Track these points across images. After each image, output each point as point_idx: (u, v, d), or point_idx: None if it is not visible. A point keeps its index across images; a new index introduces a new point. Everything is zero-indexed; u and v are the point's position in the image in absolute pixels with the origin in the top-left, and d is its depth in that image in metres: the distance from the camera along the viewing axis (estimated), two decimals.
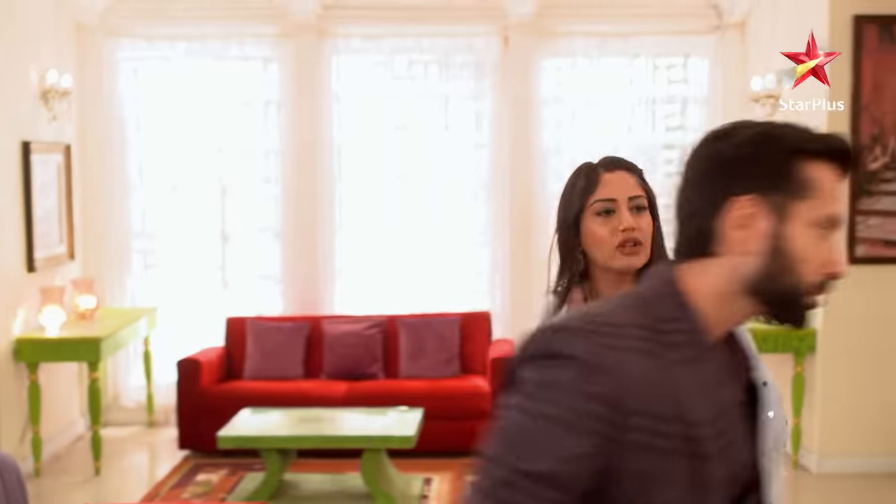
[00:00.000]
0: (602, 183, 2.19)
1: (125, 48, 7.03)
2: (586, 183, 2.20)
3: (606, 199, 2.18)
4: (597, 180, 2.19)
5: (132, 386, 7.31)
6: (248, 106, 7.17)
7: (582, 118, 7.17)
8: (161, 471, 6.24)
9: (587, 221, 2.18)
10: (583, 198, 2.19)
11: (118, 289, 7.20)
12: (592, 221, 2.17)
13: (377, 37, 7.08)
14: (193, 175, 7.18)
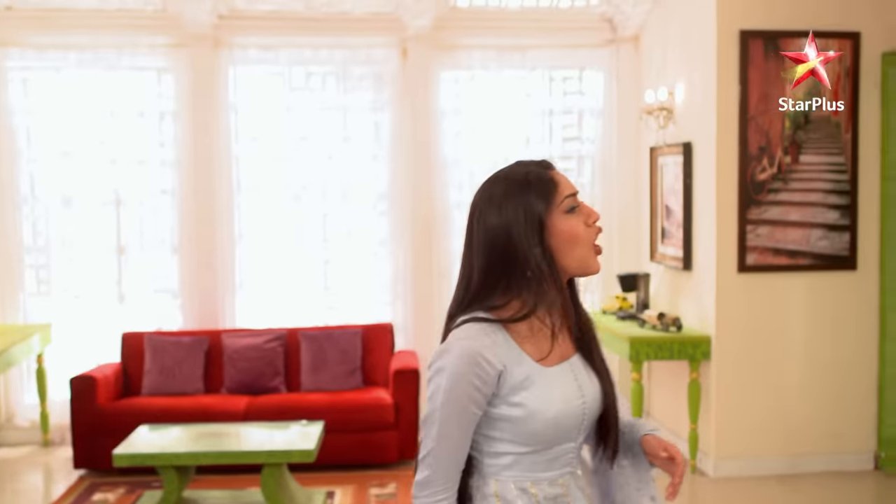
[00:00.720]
0: (559, 181, 2.10)
1: (13, 58, 6.85)
2: (546, 185, 2.08)
3: (572, 193, 2.10)
4: (554, 178, 2.10)
5: (26, 404, 7.12)
6: (142, 116, 7.05)
7: (480, 129, 7.24)
8: (56, 491, 6.08)
9: (557, 221, 2.07)
10: (548, 197, 2.07)
11: (10, 305, 7.00)
12: (564, 220, 2.07)
13: (274, 47, 7.04)
14: (87, 187, 7.02)
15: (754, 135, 5.96)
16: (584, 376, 2.17)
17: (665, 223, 6.77)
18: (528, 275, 2.06)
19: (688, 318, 6.39)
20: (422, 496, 2.07)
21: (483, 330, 2.06)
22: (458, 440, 2.06)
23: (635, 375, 6.15)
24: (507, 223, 2.06)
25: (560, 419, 2.10)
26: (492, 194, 2.11)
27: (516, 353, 2.08)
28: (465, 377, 2.02)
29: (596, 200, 7.37)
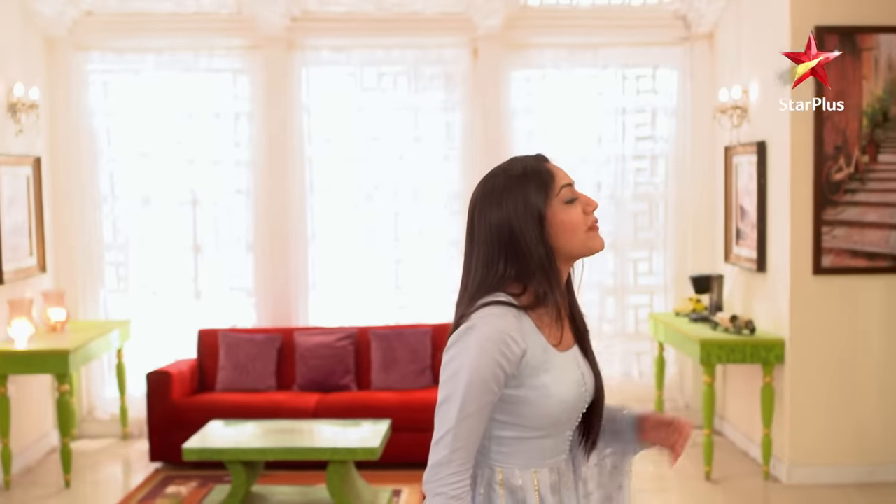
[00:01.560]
0: (555, 172, 2.16)
1: (94, 61, 7.04)
2: (544, 177, 2.13)
3: (569, 184, 2.15)
4: (551, 170, 2.15)
5: (106, 398, 7.30)
6: (218, 118, 7.17)
7: (552, 129, 7.21)
8: (131, 483, 6.24)
9: (555, 212, 2.12)
10: (546, 189, 2.12)
11: (91, 301, 7.20)
12: (562, 211, 2.13)
13: (346, 48, 7.10)
14: (165, 187, 7.18)
15: (830, 133, 5.81)
16: (584, 365, 2.23)
17: (739, 224, 6.65)
18: (533, 267, 2.10)
19: (761, 320, 6.26)
20: (437, 479, 2.05)
21: (509, 311, 2.09)
22: (478, 421, 2.07)
23: (707, 378, 6.06)
24: (507, 217, 2.11)
25: (570, 403, 2.16)
26: (491, 189, 2.15)
27: (537, 335, 2.12)
28: (490, 355, 2.05)
29: (670, 200, 7.28)
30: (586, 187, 7.19)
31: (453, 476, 2.06)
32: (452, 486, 2.05)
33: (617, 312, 7.33)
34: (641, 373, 7.39)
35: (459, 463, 2.06)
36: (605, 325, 7.32)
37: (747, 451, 6.57)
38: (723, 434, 7.01)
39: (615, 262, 7.30)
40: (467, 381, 2.05)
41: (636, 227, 7.35)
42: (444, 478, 2.05)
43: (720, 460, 6.42)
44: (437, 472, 2.06)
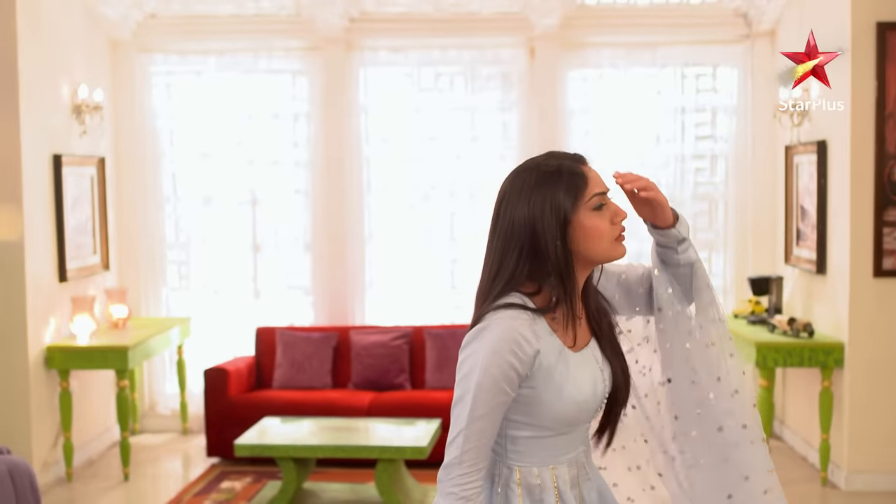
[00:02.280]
0: (590, 177, 2.14)
1: (158, 63, 7.18)
2: (576, 179, 2.12)
3: (601, 192, 2.13)
4: (585, 175, 2.13)
5: (167, 394, 7.45)
6: (277, 118, 7.26)
7: (609, 128, 7.15)
8: (188, 477, 6.35)
9: (582, 218, 2.10)
10: (577, 194, 2.10)
11: (153, 299, 7.35)
12: (590, 217, 2.11)
13: (404, 49, 7.14)
14: (225, 187, 7.29)
15: (892, 133, 5.67)
16: (602, 360, 2.23)
17: (800, 225, 6.52)
18: (549, 269, 2.10)
19: (820, 323, 6.13)
20: (448, 479, 2.07)
21: (523, 313, 2.09)
22: (490, 422, 2.08)
23: (763, 382, 5.95)
24: (532, 215, 2.10)
25: (588, 402, 2.16)
26: (522, 184, 2.14)
27: (551, 337, 2.13)
28: (502, 356, 2.05)
29: (730, 201, 7.17)
30: None
31: (464, 477, 2.07)
32: (462, 487, 2.06)
33: None
34: None
35: (470, 464, 2.07)
36: None
37: (806, 456, 6.44)
38: (782, 439, 6.88)
39: None
40: (478, 382, 2.06)
41: (696, 228, 7.24)
42: (455, 478, 2.07)
43: (778, 465, 6.26)
44: (449, 473, 2.08)
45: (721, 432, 2.28)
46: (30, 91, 5.94)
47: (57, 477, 6.20)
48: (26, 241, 5.90)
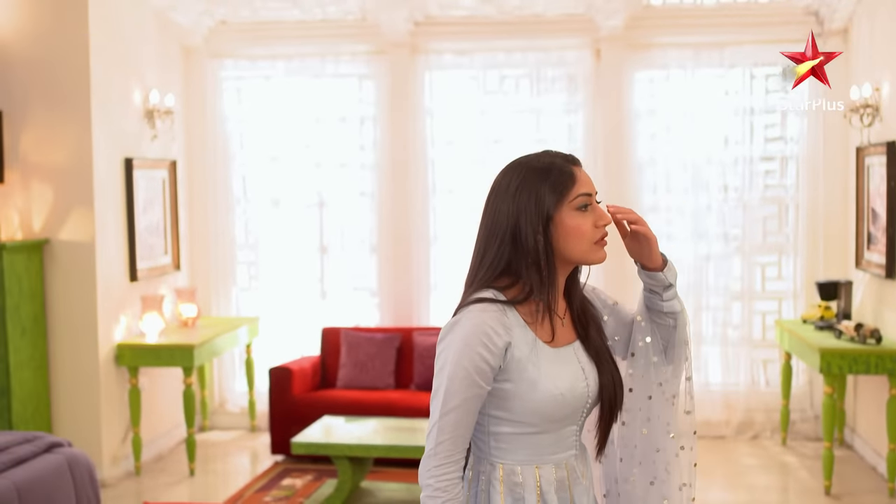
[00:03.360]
0: (578, 178, 2.17)
1: (228, 68, 7.34)
2: (563, 177, 2.16)
3: (586, 193, 2.17)
4: (573, 174, 2.17)
5: (236, 392, 7.61)
6: (344, 122, 7.36)
7: (676, 130, 7.06)
8: (251, 474, 6.47)
9: (564, 216, 2.14)
10: (562, 192, 2.14)
11: (224, 298, 7.51)
12: (572, 216, 2.15)
13: (469, 52, 7.17)
14: (293, 189, 7.41)
15: None
16: (587, 362, 2.23)
17: (871, 228, 6.34)
18: (528, 261, 2.13)
19: (890, 330, 5.96)
20: (426, 471, 2.10)
21: (493, 307, 2.13)
22: (463, 413, 2.10)
23: (828, 389, 5.81)
24: (517, 210, 2.14)
25: (566, 398, 2.15)
26: (511, 179, 2.19)
27: (524, 330, 2.15)
28: (473, 348, 2.09)
29: (801, 203, 7.02)
30: (712, 189, 7.03)
31: (440, 468, 2.09)
32: (438, 478, 2.08)
33: (743, 318, 7.11)
34: (768, 381, 7.15)
35: (444, 455, 2.09)
36: (730, 330, 7.11)
37: (876, 466, 6.26)
38: (853, 448, 6.70)
39: (742, 266, 7.09)
40: (450, 376, 2.10)
41: (765, 231, 7.11)
42: (431, 469, 2.10)
43: (846, 475, 6.15)
44: (425, 464, 2.11)
45: (652, 485, 2.32)
46: (102, 97, 6.13)
47: (126, 471, 6.39)
48: (97, 241, 6.10)
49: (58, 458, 4.58)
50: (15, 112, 6.07)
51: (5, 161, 6.09)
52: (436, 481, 2.09)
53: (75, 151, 6.05)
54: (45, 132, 6.07)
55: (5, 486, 4.21)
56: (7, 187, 6.10)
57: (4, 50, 6.04)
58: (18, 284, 5.88)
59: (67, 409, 6.15)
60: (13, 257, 5.82)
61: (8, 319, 5.78)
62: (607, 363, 2.26)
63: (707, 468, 6.41)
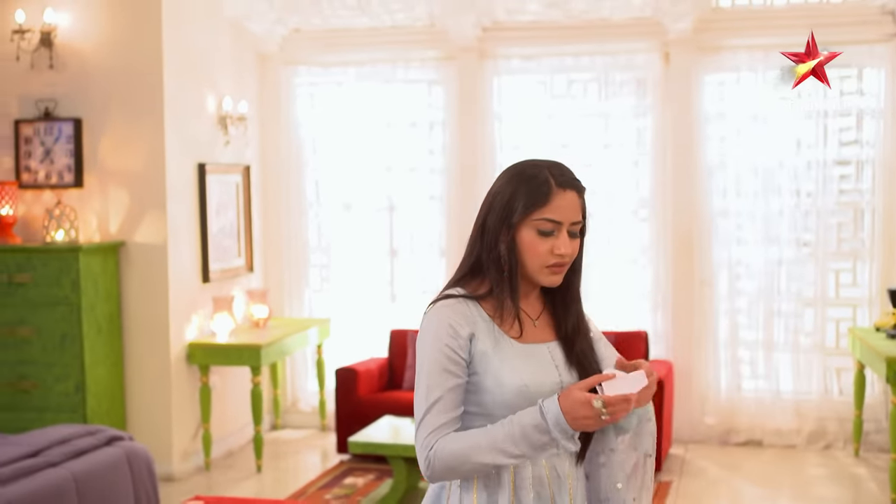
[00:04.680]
0: (553, 201, 2.20)
1: (302, 74, 7.52)
2: (537, 195, 2.20)
3: (553, 220, 2.21)
4: (549, 196, 2.20)
5: (308, 391, 7.77)
6: (414, 126, 7.46)
7: (747, 133, 6.95)
8: (316, 472, 6.61)
9: (525, 231, 2.21)
10: (529, 209, 2.20)
11: (296, 300, 7.69)
12: (531, 234, 2.21)
13: (536, 56, 7.19)
14: (364, 193, 7.54)
15: None
16: (563, 365, 2.27)
17: None
18: (490, 258, 2.24)
19: None
20: (419, 461, 2.19)
21: (455, 302, 2.23)
22: (446, 402, 2.18)
23: (895, 399, 5.65)
24: (489, 208, 2.26)
25: (531, 391, 2.19)
26: (500, 178, 2.29)
27: (487, 324, 2.22)
28: (442, 341, 2.19)
29: (877, 208, 6.83)
30: (784, 194, 6.90)
31: (430, 437, 2.20)
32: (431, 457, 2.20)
33: (816, 325, 6.96)
34: (841, 390, 6.97)
35: (434, 448, 2.19)
36: (802, 337, 6.97)
37: None
38: None
39: (815, 272, 6.94)
40: (427, 372, 2.20)
41: (839, 237, 6.95)
42: (422, 461, 2.20)
43: None
44: (419, 456, 2.20)
45: None
46: (175, 105, 6.35)
47: (196, 466, 6.60)
48: (169, 244, 6.32)
49: (117, 451, 4.77)
50: (94, 120, 6.34)
51: (84, 166, 6.37)
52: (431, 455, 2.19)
53: (149, 157, 6.29)
54: (121, 139, 6.32)
55: (64, 477, 4.41)
56: (86, 192, 6.37)
57: (84, 62, 6.31)
58: (94, 285, 6.13)
59: (140, 406, 6.39)
60: (89, 259, 6.08)
61: (84, 318, 6.04)
62: (591, 370, 2.29)
63: (775, 478, 6.31)
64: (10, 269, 6.09)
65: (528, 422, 2.14)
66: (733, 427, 7.02)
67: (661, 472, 6.38)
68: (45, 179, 6.37)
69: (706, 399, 7.07)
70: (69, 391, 6.05)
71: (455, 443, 2.16)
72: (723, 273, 7.06)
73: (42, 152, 6.37)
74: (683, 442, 7.03)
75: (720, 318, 7.07)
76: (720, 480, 6.31)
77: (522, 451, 2.14)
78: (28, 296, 6.07)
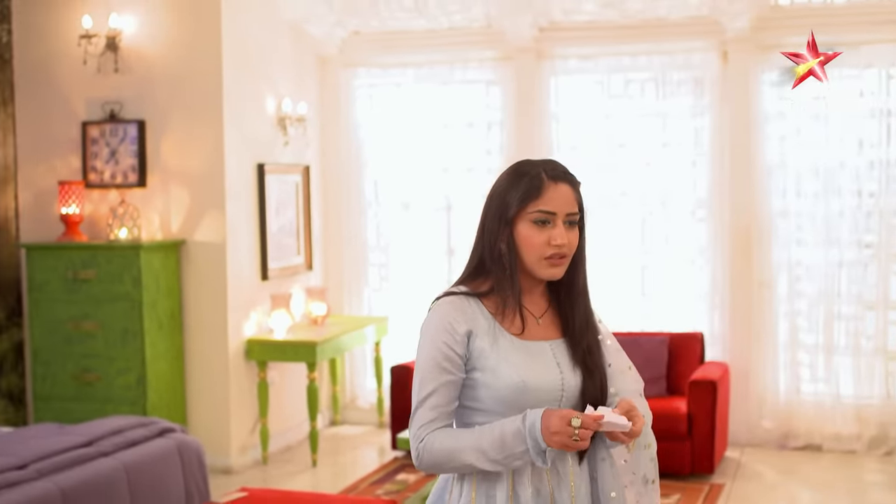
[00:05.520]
0: (546, 193, 2.26)
1: (361, 76, 7.62)
2: (529, 189, 2.26)
3: (546, 210, 2.26)
4: (541, 189, 2.26)
5: (367, 388, 7.88)
6: (471, 127, 7.51)
7: (807, 133, 6.85)
8: (369, 468, 6.70)
9: (521, 225, 2.27)
10: (523, 202, 2.26)
11: (356, 298, 7.80)
12: (527, 227, 2.26)
13: (593, 56, 7.18)
14: (422, 193, 7.62)
15: None
16: (567, 363, 2.30)
17: None
18: (492, 256, 2.29)
19: None
20: (412, 450, 2.25)
21: (457, 299, 2.29)
22: (442, 394, 2.23)
23: None
24: (488, 207, 2.32)
25: (530, 388, 2.23)
26: (496, 183, 2.34)
27: (487, 321, 2.27)
28: (438, 337, 2.24)
29: None
30: (845, 195, 6.78)
31: (422, 430, 2.26)
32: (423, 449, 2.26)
33: (878, 328, 6.81)
34: None
35: (430, 428, 2.25)
36: (863, 341, 6.83)
37: None
38: None
39: (877, 274, 6.79)
40: (422, 366, 2.26)
41: None
42: (415, 451, 2.26)
43: None
44: (412, 446, 2.26)
45: None
46: (234, 107, 6.51)
47: (253, 459, 6.75)
48: (228, 242, 6.48)
49: (168, 443, 4.91)
50: (156, 121, 6.53)
51: (148, 167, 6.56)
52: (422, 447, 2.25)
53: (209, 158, 6.45)
54: (182, 140, 6.50)
55: (115, 467, 4.57)
56: (149, 191, 6.56)
57: (148, 65, 6.51)
58: (156, 282, 6.32)
59: (200, 400, 6.56)
60: (150, 256, 6.27)
61: (145, 314, 6.23)
62: (596, 369, 2.33)
63: (832, 483, 6.22)
64: (76, 265, 6.31)
65: (510, 428, 2.18)
66: (791, 431, 6.92)
67: (714, 475, 6.33)
68: (110, 179, 6.59)
69: (764, 402, 6.98)
70: (131, 384, 6.25)
71: (444, 441, 2.21)
72: (782, 274, 6.96)
73: (107, 153, 6.58)
74: (740, 445, 6.95)
75: (779, 320, 6.97)
76: (775, 485, 6.23)
77: (498, 459, 2.18)
78: (92, 291, 6.29)
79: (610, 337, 2.46)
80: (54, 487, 4.26)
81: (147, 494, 4.68)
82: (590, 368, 2.33)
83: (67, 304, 6.34)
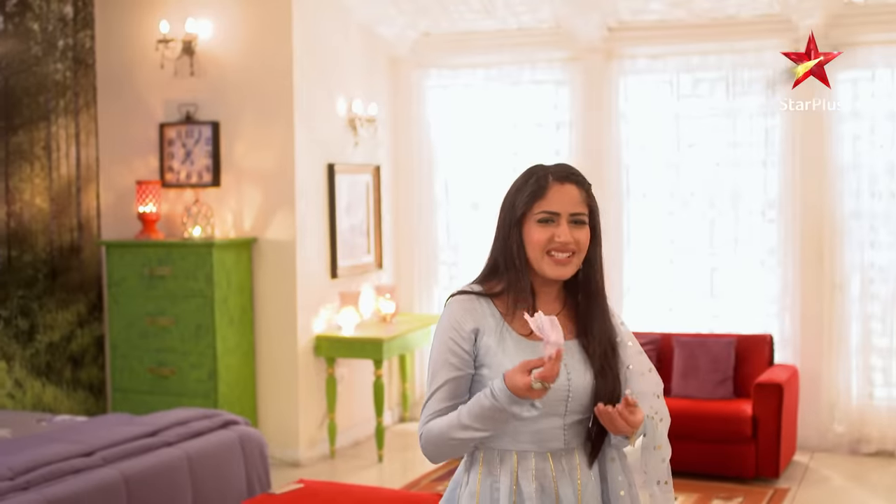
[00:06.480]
0: (550, 193, 2.35)
1: (432, 77, 7.71)
2: (535, 189, 2.36)
3: (550, 211, 2.34)
4: (546, 189, 2.35)
5: None
6: (540, 127, 7.54)
7: (882, 132, 6.71)
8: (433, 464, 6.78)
9: (528, 225, 2.36)
10: (529, 203, 2.36)
11: (426, 297, 7.90)
12: (533, 227, 2.35)
13: (662, 56, 7.14)
14: (492, 193, 7.65)
15: None
16: (577, 364, 2.34)
17: None
18: (505, 257, 2.38)
19: None
20: (419, 436, 2.35)
21: (466, 298, 2.39)
22: (446, 390, 2.33)
23: None
24: (501, 209, 2.42)
25: None
26: (511, 185, 2.44)
27: (496, 321, 2.34)
28: (447, 334, 2.34)
29: None
30: None
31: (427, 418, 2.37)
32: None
33: None
34: None
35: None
36: None
37: None
38: None
39: None
40: (433, 360, 2.37)
41: None
42: (421, 437, 2.36)
43: None
44: (420, 430, 2.36)
45: None
46: (305, 108, 6.67)
47: (321, 454, 6.90)
48: (298, 241, 6.64)
49: (230, 435, 5.08)
50: (230, 122, 6.73)
51: (221, 167, 6.77)
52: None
53: (280, 158, 6.62)
54: (254, 140, 6.68)
55: (178, 456, 4.74)
56: (222, 190, 6.77)
57: (222, 68, 6.71)
58: (227, 279, 6.51)
59: (269, 394, 6.74)
60: (222, 254, 6.47)
61: (217, 310, 6.42)
62: (610, 371, 2.37)
63: (877, 486, 6.11)
64: (153, 262, 6.54)
65: (482, 396, 2.25)
66: (863, 436, 6.78)
67: (780, 479, 6.24)
68: (185, 179, 6.81)
69: (835, 406, 6.85)
70: (203, 378, 6.45)
71: (435, 425, 2.31)
72: (855, 277, 6.83)
73: (183, 154, 6.80)
74: (810, 449, 6.84)
75: (852, 323, 6.84)
76: (843, 490, 6.13)
77: (485, 426, 2.25)
78: (168, 288, 6.52)
79: (631, 339, 2.49)
80: (118, 474, 4.44)
81: (208, 484, 4.85)
82: (603, 370, 2.36)
83: (144, 300, 6.58)
